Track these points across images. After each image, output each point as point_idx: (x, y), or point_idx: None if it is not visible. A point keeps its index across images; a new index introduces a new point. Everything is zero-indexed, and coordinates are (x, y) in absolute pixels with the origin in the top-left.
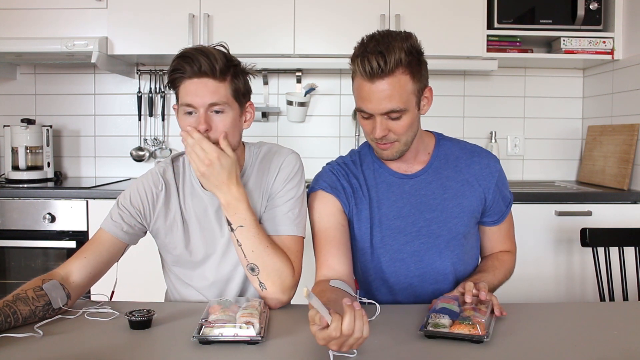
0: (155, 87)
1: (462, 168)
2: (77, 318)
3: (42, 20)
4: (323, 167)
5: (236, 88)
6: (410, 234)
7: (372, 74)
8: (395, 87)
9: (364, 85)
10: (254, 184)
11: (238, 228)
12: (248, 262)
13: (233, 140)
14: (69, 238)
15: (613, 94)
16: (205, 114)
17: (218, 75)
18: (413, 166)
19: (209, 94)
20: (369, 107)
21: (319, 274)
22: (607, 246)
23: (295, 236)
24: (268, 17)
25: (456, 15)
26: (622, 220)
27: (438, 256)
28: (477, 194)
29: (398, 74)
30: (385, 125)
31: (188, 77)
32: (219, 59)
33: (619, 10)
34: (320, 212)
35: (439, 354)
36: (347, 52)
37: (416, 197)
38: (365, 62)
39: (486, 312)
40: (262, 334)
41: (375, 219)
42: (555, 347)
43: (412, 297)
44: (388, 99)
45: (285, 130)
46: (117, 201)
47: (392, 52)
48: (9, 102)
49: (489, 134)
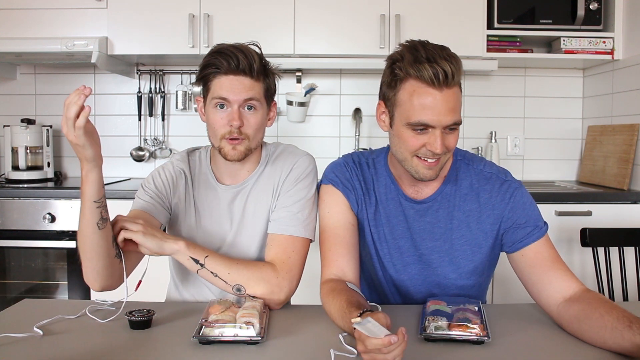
0: (155, 87)
1: (471, 197)
2: (77, 318)
3: (42, 20)
4: (339, 158)
5: (267, 87)
6: (412, 257)
7: (442, 81)
8: (458, 98)
9: (428, 93)
10: (266, 181)
11: (206, 259)
12: (231, 285)
13: (258, 137)
14: (69, 238)
15: (613, 94)
16: (239, 110)
17: (255, 74)
18: (424, 190)
19: (244, 90)
20: (435, 119)
21: (328, 272)
22: (607, 246)
23: (303, 238)
24: (268, 17)
25: (456, 15)
26: (622, 220)
27: (436, 286)
28: (482, 225)
29: (457, 83)
30: (444, 140)
31: (224, 72)
32: (256, 58)
33: (619, 10)
34: (330, 208)
35: (439, 355)
36: (347, 52)
37: (420, 224)
38: (436, 67)
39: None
40: (262, 334)
41: (380, 232)
42: (555, 347)
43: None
44: (454, 110)
45: (285, 130)
46: (141, 186)
47: (459, 62)
48: (9, 102)
49: (489, 134)
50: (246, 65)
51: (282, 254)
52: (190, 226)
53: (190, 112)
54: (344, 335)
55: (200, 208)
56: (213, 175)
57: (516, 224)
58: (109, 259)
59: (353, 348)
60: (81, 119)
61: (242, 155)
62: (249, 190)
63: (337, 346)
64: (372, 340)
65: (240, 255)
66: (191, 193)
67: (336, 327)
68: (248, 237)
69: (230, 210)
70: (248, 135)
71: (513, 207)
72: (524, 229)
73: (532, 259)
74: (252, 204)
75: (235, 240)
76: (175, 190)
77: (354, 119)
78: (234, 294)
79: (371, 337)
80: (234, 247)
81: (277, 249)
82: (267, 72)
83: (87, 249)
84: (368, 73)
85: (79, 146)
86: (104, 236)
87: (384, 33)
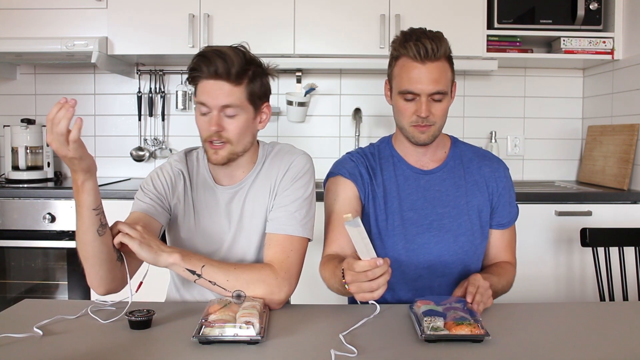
0: (155, 87)
1: (473, 170)
2: (77, 318)
3: (42, 20)
4: (343, 155)
5: (251, 91)
6: (422, 226)
7: (426, 56)
8: (442, 71)
9: (414, 66)
10: (263, 181)
11: (203, 269)
12: (231, 292)
13: (244, 141)
14: (69, 238)
15: (613, 94)
16: (218, 115)
17: (233, 79)
18: (430, 163)
19: (222, 96)
20: (418, 87)
21: (328, 250)
22: (607, 246)
23: (301, 237)
24: (268, 17)
25: (456, 15)
26: (622, 220)
27: (447, 249)
28: (485, 195)
29: (444, 60)
30: (429, 107)
31: (205, 77)
32: (236, 62)
33: (619, 10)
34: (337, 196)
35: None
36: (347, 52)
37: (430, 192)
38: (419, 44)
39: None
40: (262, 334)
41: (389, 208)
42: (555, 347)
43: (413, 291)
44: (436, 80)
45: (285, 130)
46: (140, 188)
47: (443, 41)
48: (9, 102)
49: (489, 134)
50: (224, 71)
51: (280, 254)
52: (189, 227)
53: (190, 112)
54: (344, 335)
55: (198, 209)
56: (211, 176)
57: (505, 202)
58: (112, 263)
59: (354, 348)
60: (75, 132)
61: (224, 159)
62: (247, 191)
63: (338, 346)
64: (360, 263)
65: (240, 256)
66: (190, 194)
67: (336, 327)
68: (247, 237)
69: (228, 211)
70: (230, 140)
71: (506, 185)
72: (508, 209)
73: (496, 240)
74: (250, 204)
75: (234, 241)
76: (174, 191)
77: (354, 119)
78: (234, 300)
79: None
80: (233, 247)
81: (275, 249)
82: (254, 74)
83: (89, 256)
84: (368, 73)
85: (76, 159)
86: (105, 242)
87: (384, 33)
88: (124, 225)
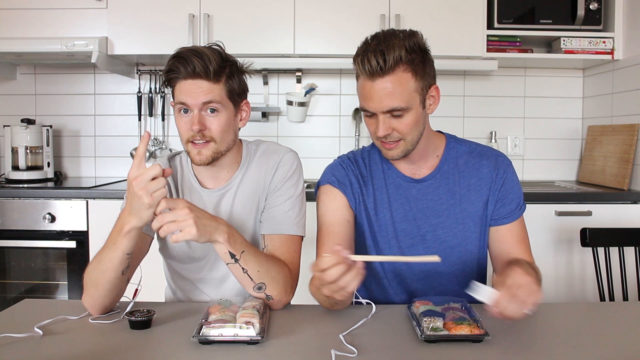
0: (155, 87)
1: (469, 172)
2: (77, 318)
3: (42, 20)
4: (335, 159)
5: (230, 89)
6: (416, 237)
7: (372, 73)
8: (396, 85)
9: (365, 84)
10: (251, 180)
11: (242, 254)
12: (255, 283)
13: (227, 139)
14: (69, 238)
15: (613, 94)
16: (199, 114)
17: (212, 77)
18: (422, 170)
19: (202, 94)
20: (371, 105)
21: None
22: (607, 246)
23: (296, 236)
24: (268, 17)
25: (456, 15)
26: (622, 220)
27: (443, 261)
28: (484, 197)
29: (399, 71)
30: (389, 124)
31: (182, 77)
32: (213, 61)
33: (619, 10)
34: (326, 206)
35: (443, 356)
36: (347, 52)
37: (423, 202)
38: (365, 61)
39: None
40: (262, 334)
41: (381, 220)
42: (555, 347)
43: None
44: (389, 97)
45: (285, 130)
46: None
47: (392, 50)
48: (9, 102)
49: (489, 134)
50: (202, 69)
51: (287, 254)
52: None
53: None
54: (344, 335)
55: None
56: (196, 180)
57: (505, 199)
58: (119, 289)
59: (354, 348)
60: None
61: (208, 159)
62: (235, 192)
63: (338, 346)
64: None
65: None
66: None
67: (336, 327)
68: None
69: (216, 214)
70: (213, 138)
71: (505, 181)
72: (509, 205)
73: (504, 236)
74: (239, 206)
75: None
76: None
77: (354, 119)
78: (253, 292)
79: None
80: None
81: (282, 250)
82: (231, 72)
83: (102, 288)
84: None
85: (148, 206)
86: (124, 279)
87: None
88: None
